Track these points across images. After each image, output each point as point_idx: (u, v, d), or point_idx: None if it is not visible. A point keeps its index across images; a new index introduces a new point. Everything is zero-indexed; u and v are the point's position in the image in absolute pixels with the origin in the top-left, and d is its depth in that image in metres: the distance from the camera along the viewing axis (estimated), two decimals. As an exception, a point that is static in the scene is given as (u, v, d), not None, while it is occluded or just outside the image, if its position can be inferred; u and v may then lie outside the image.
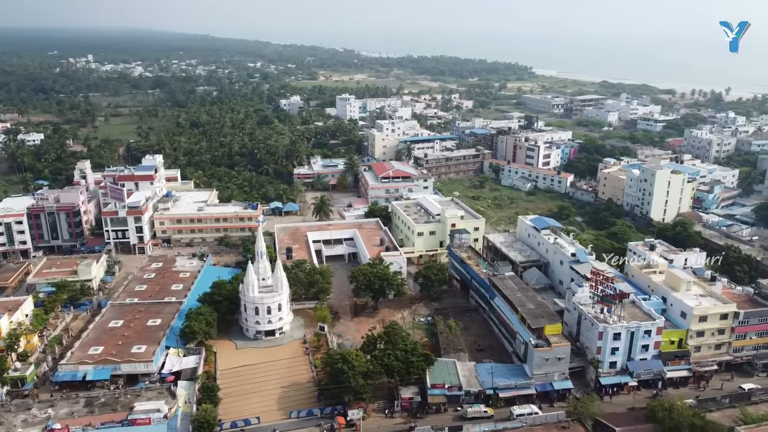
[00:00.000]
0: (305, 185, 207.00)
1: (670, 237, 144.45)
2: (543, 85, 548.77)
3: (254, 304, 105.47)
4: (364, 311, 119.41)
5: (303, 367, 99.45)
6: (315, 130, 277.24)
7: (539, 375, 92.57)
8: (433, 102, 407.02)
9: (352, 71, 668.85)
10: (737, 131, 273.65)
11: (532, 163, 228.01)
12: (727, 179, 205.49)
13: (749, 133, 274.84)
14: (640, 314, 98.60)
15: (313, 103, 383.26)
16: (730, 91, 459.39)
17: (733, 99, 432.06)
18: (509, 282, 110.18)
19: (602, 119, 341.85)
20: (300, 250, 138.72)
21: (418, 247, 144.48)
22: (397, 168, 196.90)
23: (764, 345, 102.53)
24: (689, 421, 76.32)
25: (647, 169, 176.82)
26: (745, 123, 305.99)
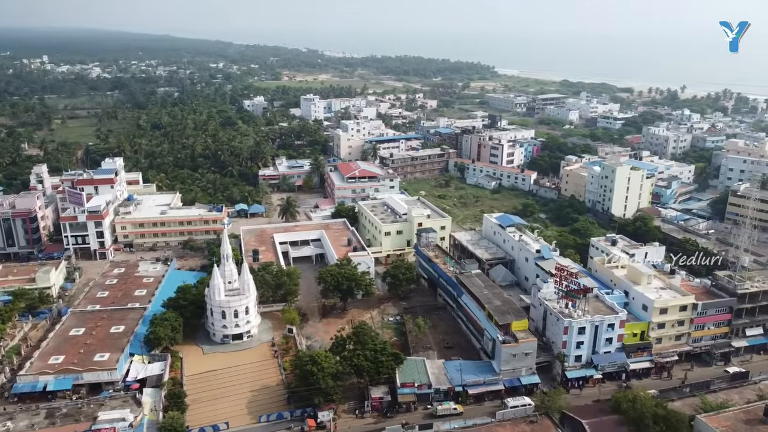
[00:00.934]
0: (271, 186, 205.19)
1: (631, 232, 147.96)
2: (506, 85, 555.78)
3: (221, 307, 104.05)
4: (332, 312, 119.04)
5: (272, 370, 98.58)
6: (280, 131, 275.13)
7: (507, 371, 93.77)
8: (397, 102, 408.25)
9: (316, 71, 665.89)
10: (692, 128, 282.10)
11: (496, 161, 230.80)
12: (684, 175, 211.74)
13: (704, 129, 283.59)
14: (604, 308, 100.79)
15: (277, 103, 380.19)
16: (685, 89, 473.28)
17: (689, 97, 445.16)
18: (476, 280, 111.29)
19: (563, 117, 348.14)
20: (266, 252, 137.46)
21: (385, 247, 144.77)
22: (363, 168, 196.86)
23: (722, 335, 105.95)
24: (652, 411, 78.34)
25: (608, 166, 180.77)
26: (699, 120, 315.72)
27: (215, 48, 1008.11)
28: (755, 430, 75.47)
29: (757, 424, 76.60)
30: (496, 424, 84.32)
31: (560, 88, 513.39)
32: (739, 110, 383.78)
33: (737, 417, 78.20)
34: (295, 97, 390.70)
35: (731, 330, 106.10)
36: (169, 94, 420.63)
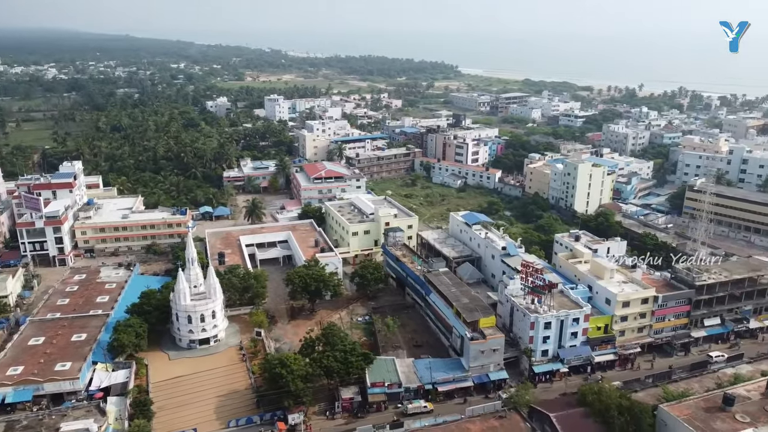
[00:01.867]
0: (236, 188, 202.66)
1: (593, 227, 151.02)
2: (469, 84, 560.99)
3: (187, 312, 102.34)
4: (301, 314, 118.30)
5: (240, 374, 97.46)
6: (244, 132, 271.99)
7: (476, 367, 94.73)
8: (362, 102, 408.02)
9: (279, 71, 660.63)
10: (650, 125, 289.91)
11: (461, 160, 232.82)
12: (643, 171, 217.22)
13: (661, 126, 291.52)
14: (569, 303, 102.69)
15: (241, 104, 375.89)
16: (643, 87, 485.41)
17: (646, 94, 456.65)
18: (443, 278, 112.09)
19: (526, 116, 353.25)
20: (233, 255, 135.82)
21: (353, 247, 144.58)
22: (329, 168, 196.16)
23: (681, 326, 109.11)
24: (617, 402, 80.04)
25: (570, 163, 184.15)
26: (657, 117, 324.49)
27: (176, 48, 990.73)
28: (714, 417, 77.88)
29: (716, 411, 79.03)
30: (466, 421, 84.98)
31: (523, 87, 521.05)
32: (694, 107, 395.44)
33: (697, 405, 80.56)
34: (259, 97, 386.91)
35: (690, 321, 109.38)
36: (129, 95, 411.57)
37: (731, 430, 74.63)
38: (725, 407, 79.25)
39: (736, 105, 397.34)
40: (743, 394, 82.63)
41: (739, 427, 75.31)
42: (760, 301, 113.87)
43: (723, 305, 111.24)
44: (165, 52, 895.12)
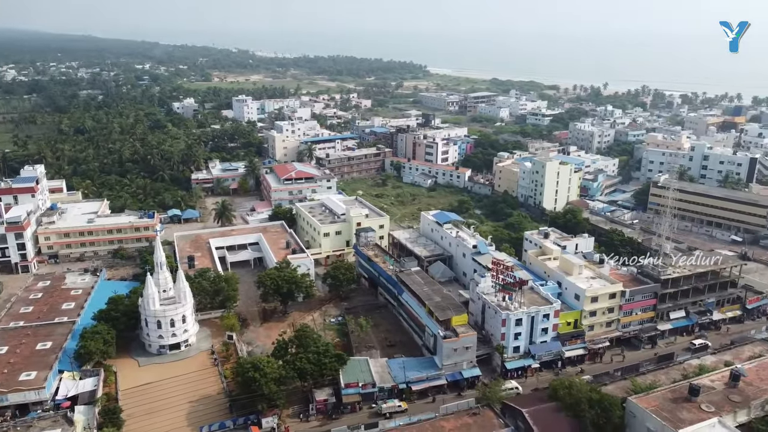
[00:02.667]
0: (205, 191, 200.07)
1: (562, 224, 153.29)
2: (438, 84, 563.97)
3: (156, 317, 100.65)
4: (273, 316, 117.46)
5: (212, 379, 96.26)
6: (212, 133, 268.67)
7: (449, 365, 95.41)
8: (332, 102, 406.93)
9: (247, 72, 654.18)
10: (615, 123, 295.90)
11: (431, 159, 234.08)
12: (609, 168, 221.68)
13: (626, 124, 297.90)
14: (539, 299, 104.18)
15: (209, 105, 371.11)
16: (607, 86, 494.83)
17: (611, 93, 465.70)
18: (416, 277, 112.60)
19: (494, 115, 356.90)
20: (203, 258, 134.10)
21: (324, 248, 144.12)
22: (299, 169, 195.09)
23: (648, 319, 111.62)
24: (587, 396, 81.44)
25: (538, 161, 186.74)
26: (621, 115, 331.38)
27: (140, 48, 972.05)
28: (681, 407, 79.88)
29: (683, 401, 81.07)
30: (440, 419, 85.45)
31: (490, 87, 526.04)
32: (656, 105, 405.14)
33: (665, 396, 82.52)
34: (226, 98, 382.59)
35: (657, 314, 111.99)
36: (93, 97, 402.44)
37: (697, 419, 76.57)
38: (691, 397, 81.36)
39: (696, 103, 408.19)
40: (708, 385, 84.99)
41: (704, 416, 77.35)
42: (722, 293, 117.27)
43: (687, 298, 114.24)
44: (129, 52, 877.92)
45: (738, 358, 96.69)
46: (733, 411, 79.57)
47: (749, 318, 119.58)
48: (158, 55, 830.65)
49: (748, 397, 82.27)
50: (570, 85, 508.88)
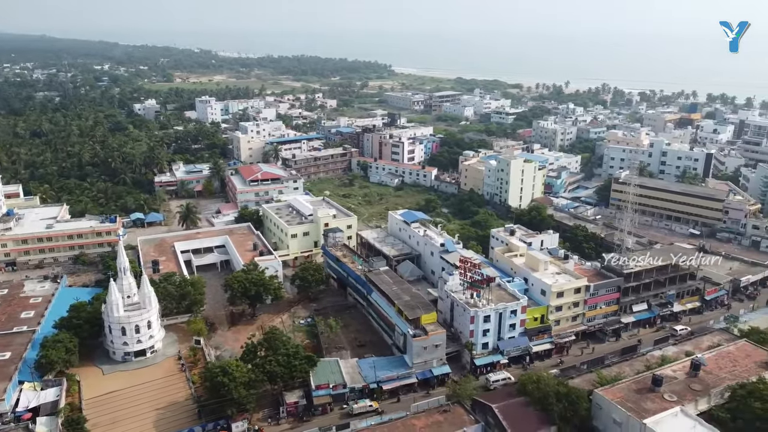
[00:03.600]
0: (168, 193, 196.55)
1: (527, 221, 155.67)
2: (403, 83, 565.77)
3: (120, 324, 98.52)
4: (241, 319, 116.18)
5: (180, 385, 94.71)
6: (175, 135, 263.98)
7: (419, 363, 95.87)
8: (297, 102, 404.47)
9: (210, 72, 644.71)
10: (577, 121, 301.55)
11: (397, 159, 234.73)
12: (572, 165, 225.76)
13: (587, 122, 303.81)
14: (506, 296, 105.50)
15: (171, 106, 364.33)
16: (569, 84, 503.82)
17: (572, 91, 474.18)
18: (384, 276, 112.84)
19: (459, 114, 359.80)
20: (167, 262, 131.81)
21: (292, 249, 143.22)
22: (265, 170, 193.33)
23: (612, 313, 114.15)
24: (555, 390, 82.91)
25: (503, 159, 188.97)
26: (583, 113, 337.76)
27: (99, 49, 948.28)
28: (645, 397, 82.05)
29: (646, 392, 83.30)
30: (412, 417, 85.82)
31: (455, 86, 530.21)
32: (616, 103, 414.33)
33: (629, 387, 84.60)
34: (189, 99, 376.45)
35: (620, 307, 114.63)
36: (50, 98, 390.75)
37: (660, 409, 78.71)
38: (654, 388, 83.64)
39: (654, 100, 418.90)
40: (670, 375, 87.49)
41: (667, 405, 79.60)
42: (682, 285, 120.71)
43: (649, 291, 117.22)
44: (87, 52, 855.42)
45: (698, 348, 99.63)
46: (694, 399, 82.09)
47: (708, 309, 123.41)
48: (118, 56, 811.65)
49: (708, 386, 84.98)
50: (533, 83, 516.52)
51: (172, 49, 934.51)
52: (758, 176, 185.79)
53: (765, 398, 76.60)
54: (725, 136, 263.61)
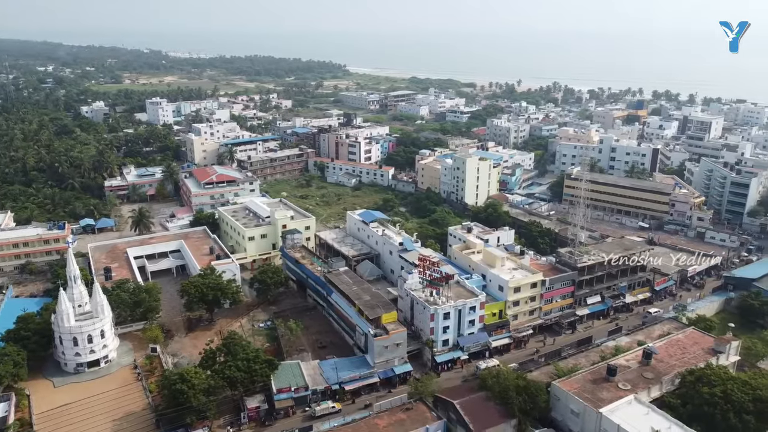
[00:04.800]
0: (120, 198, 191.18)
1: (483, 218, 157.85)
2: (358, 83, 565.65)
3: (71, 334, 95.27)
4: (199, 325, 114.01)
5: (136, 395, 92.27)
6: (125, 138, 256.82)
7: (381, 363, 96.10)
8: (251, 103, 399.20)
9: (161, 73, 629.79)
10: (530, 119, 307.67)
11: (354, 158, 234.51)
12: (525, 162, 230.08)
13: (539, 119, 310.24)
14: (465, 292, 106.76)
15: (120, 108, 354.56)
16: (521, 82, 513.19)
17: (524, 90, 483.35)
18: (344, 277, 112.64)
19: (415, 113, 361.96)
20: (120, 269, 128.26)
21: (250, 252, 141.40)
22: (220, 172, 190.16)
23: (567, 306, 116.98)
24: (514, 383, 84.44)
25: (458, 157, 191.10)
26: (535, 111, 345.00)
27: (42, 49, 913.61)
28: (600, 387, 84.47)
29: (602, 382, 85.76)
30: (374, 417, 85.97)
31: (410, 85, 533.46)
32: (567, 101, 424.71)
33: (585, 378, 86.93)
34: (139, 100, 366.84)
35: (575, 300, 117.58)
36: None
37: (615, 398, 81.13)
38: (609, 378, 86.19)
39: (603, 98, 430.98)
40: (624, 364, 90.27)
41: (622, 394, 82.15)
42: (633, 277, 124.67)
43: (602, 284, 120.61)
44: (29, 53, 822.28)
45: (649, 337, 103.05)
46: (647, 387, 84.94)
47: (657, 299, 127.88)
48: (62, 57, 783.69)
49: (660, 374, 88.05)
50: (486, 82, 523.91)
51: (120, 50, 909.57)
52: (702, 170, 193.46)
53: (713, 383, 79.87)
54: (670, 131, 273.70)
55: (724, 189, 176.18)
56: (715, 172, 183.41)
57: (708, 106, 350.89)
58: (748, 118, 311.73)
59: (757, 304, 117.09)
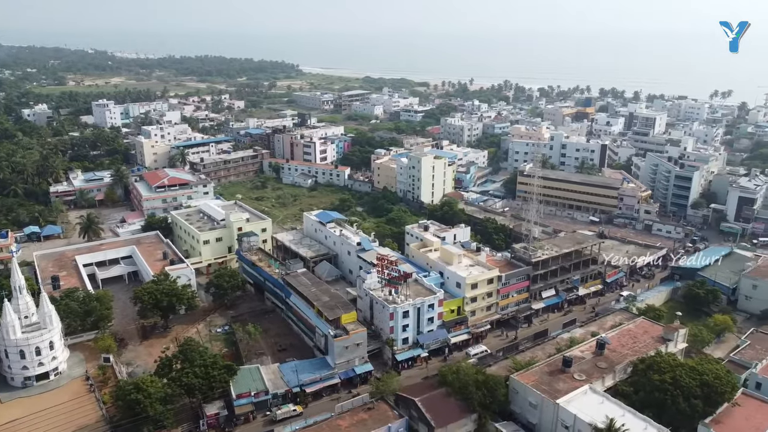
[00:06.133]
0: (66, 204, 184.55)
1: (440, 216, 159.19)
2: (311, 83, 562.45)
3: (18, 347, 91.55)
4: (153, 332, 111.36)
5: (89, 407, 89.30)
6: (71, 142, 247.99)
7: (341, 363, 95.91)
8: (203, 104, 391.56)
9: (107, 74, 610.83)
10: (482, 117, 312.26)
11: (310, 159, 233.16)
12: (479, 160, 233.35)
13: (492, 117, 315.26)
14: (423, 290, 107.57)
15: (65, 111, 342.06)
16: (473, 81, 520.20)
17: (477, 88, 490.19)
18: (302, 278, 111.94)
19: (369, 112, 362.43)
20: (69, 278, 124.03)
21: (205, 256, 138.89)
22: (172, 175, 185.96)
23: (523, 300, 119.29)
24: (474, 379, 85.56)
25: (414, 156, 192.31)
26: (488, 109, 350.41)
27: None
28: (557, 378, 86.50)
29: (558, 373, 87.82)
30: (336, 418, 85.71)
31: (363, 85, 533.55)
32: (518, 99, 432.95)
33: (542, 370, 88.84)
34: (85, 103, 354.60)
35: (530, 294, 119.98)
36: None
37: (571, 388, 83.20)
38: (565, 369, 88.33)
39: (552, 95, 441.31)
40: (579, 355, 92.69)
41: (577, 384, 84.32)
42: (585, 270, 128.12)
43: (556, 277, 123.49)
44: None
45: (602, 328, 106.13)
46: (601, 377, 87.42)
47: (609, 291, 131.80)
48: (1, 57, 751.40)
49: (613, 363, 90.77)
50: (439, 81, 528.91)
51: (63, 50, 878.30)
52: (648, 164, 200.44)
53: (662, 370, 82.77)
54: (617, 127, 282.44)
55: (669, 182, 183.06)
56: (660, 167, 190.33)
57: (652, 102, 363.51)
58: (689, 113, 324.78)
59: (702, 293, 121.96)
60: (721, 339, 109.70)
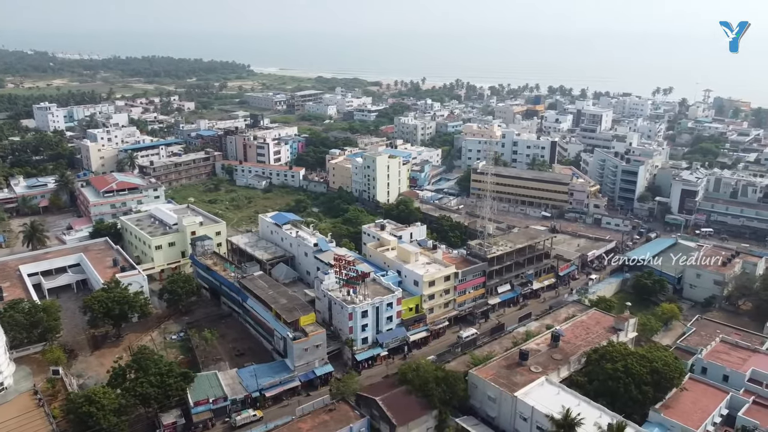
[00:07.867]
0: (8, 211, 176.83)
1: (396, 215, 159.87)
2: (263, 83, 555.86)
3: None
4: (105, 342, 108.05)
5: (38, 422, 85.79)
6: (11, 147, 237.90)
7: (301, 366, 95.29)
8: (151, 105, 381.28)
9: (48, 76, 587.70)
10: (435, 116, 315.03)
11: (263, 160, 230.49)
12: (433, 158, 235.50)
13: (444, 116, 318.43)
14: (382, 289, 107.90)
15: (3, 114, 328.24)
16: (425, 80, 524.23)
17: (429, 87, 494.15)
18: (259, 281, 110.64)
19: (323, 113, 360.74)
20: (13, 288, 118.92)
21: (158, 262, 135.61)
22: (120, 180, 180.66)
23: (480, 296, 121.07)
24: (433, 375, 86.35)
25: (368, 156, 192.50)
26: (440, 108, 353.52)
27: None
28: (514, 372, 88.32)
29: (515, 366, 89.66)
30: (297, 420, 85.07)
31: (316, 85, 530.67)
32: (470, 97, 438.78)
33: (500, 365, 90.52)
34: (26, 106, 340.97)
35: (486, 290, 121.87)
36: None
37: (528, 381, 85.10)
38: (521, 362, 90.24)
39: (503, 94, 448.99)
40: (534, 348, 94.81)
41: (534, 377, 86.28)
42: (539, 264, 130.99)
43: (511, 272, 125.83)
44: None
45: (556, 320, 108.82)
46: (556, 368, 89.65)
47: (562, 284, 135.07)
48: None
49: (567, 354, 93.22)
50: (391, 80, 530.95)
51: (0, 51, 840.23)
52: (595, 160, 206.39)
53: (614, 359, 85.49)
54: (566, 124, 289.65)
55: (616, 177, 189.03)
56: (608, 162, 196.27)
57: (598, 99, 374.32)
58: (634, 110, 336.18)
59: (649, 283, 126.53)
60: (668, 327, 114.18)
